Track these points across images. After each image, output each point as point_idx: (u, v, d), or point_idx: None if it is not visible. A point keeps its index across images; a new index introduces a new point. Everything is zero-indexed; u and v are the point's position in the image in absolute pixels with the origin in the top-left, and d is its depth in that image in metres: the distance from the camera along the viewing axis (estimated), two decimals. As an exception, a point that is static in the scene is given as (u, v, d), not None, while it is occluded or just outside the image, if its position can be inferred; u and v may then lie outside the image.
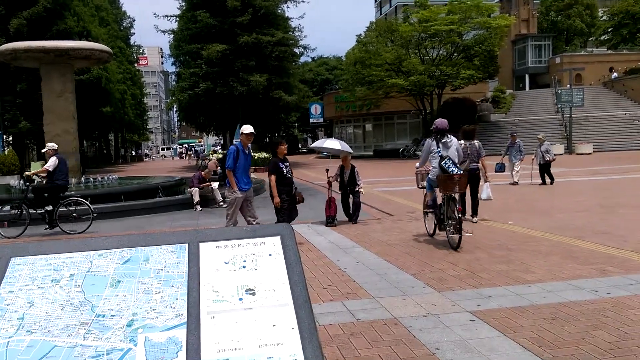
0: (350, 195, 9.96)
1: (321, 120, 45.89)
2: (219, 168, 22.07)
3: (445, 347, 3.77)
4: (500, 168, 15.10)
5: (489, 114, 38.45)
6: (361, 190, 10.06)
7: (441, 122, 7.77)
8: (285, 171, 8.07)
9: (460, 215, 7.06)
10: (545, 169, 15.38)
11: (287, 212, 8.14)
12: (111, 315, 1.57)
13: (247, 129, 7.40)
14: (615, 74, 43.94)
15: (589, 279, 5.40)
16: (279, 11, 34.88)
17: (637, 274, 5.50)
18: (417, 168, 8.53)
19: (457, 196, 7.39)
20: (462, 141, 9.03)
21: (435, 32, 32.53)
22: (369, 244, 7.68)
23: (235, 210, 7.39)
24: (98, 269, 1.69)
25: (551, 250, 6.83)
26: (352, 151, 11.08)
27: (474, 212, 9.40)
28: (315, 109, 46.52)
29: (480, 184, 9.45)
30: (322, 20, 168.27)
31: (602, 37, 46.23)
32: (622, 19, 40.73)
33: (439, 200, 7.69)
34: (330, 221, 9.57)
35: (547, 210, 10.39)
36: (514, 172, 15.82)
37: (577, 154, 29.44)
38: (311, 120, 39.10)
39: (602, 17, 52.98)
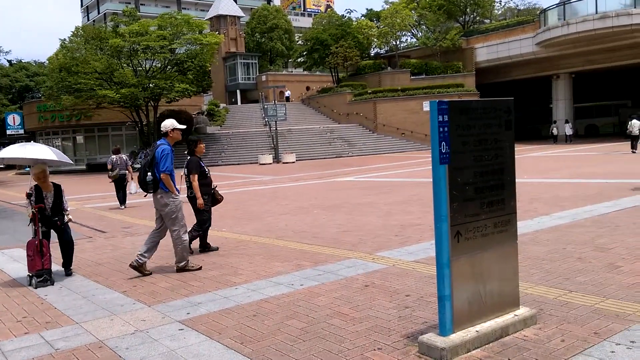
0: (56, 231, 6.79)
1: (21, 131, 40.46)
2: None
3: (152, 361, 3.77)
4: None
5: (205, 126, 39.64)
6: (69, 216, 6.95)
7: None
8: (207, 170, 7.69)
9: None
10: None
11: (209, 213, 7.63)
12: None
13: (177, 123, 6.61)
14: (288, 93, 50.09)
15: (286, 274, 6.07)
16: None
17: (324, 265, 6.42)
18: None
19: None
20: (114, 156, 14.14)
21: (147, 46, 32.06)
22: (75, 266, 7.10)
23: (183, 215, 6.58)
24: None
25: (257, 251, 7.45)
26: (71, 162, 8.15)
27: (124, 202, 14.02)
28: (14, 119, 40.75)
29: (129, 182, 14.06)
30: (20, 22, 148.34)
31: (299, 59, 52.30)
32: (313, 44, 46.66)
33: None
34: (47, 278, 6.25)
35: (258, 214, 11.27)
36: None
37: (284, 162, 32.56)
38: (8, 132, 34.13)
39: (298, 41, 59.95)
